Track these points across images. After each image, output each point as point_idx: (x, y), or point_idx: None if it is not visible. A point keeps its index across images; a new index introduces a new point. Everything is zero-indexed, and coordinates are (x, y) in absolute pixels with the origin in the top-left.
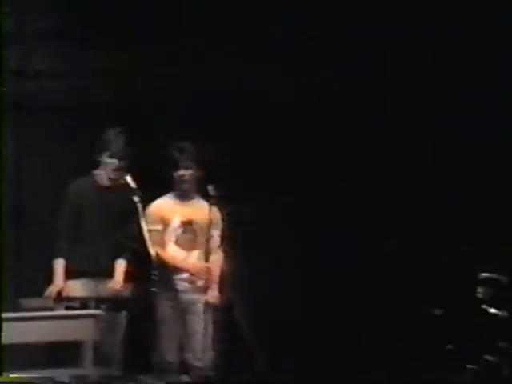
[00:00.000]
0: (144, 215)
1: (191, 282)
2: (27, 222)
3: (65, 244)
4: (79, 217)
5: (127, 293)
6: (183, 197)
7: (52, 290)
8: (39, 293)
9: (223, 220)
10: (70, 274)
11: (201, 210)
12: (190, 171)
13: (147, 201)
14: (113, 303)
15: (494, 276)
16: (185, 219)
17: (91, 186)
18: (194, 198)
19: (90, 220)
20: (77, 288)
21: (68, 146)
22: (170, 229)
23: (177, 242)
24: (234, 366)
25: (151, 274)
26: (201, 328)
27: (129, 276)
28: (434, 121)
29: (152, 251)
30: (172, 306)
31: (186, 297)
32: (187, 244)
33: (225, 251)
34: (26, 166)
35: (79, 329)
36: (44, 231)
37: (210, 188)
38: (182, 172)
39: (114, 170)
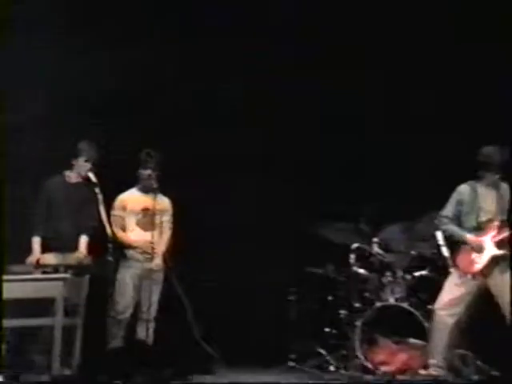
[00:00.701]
0: (113, 204)
1: (144, 253)
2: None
3: (40, 226)
4: (51, 206)
5: (89, 261)
6: (145, 190)
7: (31, 259)
8: (22, 261)
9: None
10: (44, 249)
11: (156, 200)
12: (154, 171)
13: (115, 193)
14: (78, 269)
15: (363, 246)
16: (144, 207)
17: (61, 183)
18: (152, 192)
19: (59, 208)
20: (50, 258)
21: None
22: (133, 214)
23: (138, 224)
24: (173, 320)
25: (108, 246)
26: (150, 289)
27: (91, 248)
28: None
29: (113, 230)
30: (129, 272)
31: (140, 265)
32: (145, 226)
33: (173, 231)
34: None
35: (52, 288)
36: (25, 217)
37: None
38: (148, 172)
39: (86, 171)
